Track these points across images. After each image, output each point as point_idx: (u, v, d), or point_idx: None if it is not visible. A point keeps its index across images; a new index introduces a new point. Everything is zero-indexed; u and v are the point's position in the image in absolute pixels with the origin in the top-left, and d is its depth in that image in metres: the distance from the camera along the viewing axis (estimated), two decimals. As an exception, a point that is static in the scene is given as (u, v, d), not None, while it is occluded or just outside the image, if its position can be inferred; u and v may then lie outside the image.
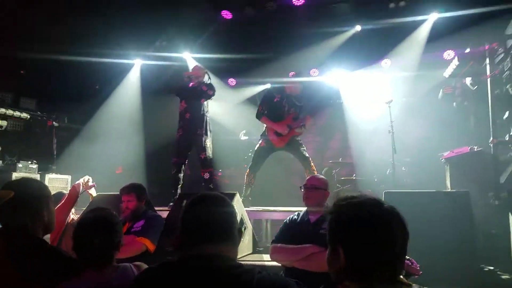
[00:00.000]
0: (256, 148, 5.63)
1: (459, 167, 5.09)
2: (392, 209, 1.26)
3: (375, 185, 6.28)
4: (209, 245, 1.43)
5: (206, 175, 5.64)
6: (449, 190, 4.94)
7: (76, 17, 6.74)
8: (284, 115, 5.44)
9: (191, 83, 5.73)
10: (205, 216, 1.47)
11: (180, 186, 5.70)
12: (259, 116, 5.51)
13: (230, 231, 1.50)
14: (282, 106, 5.48)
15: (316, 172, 5.23)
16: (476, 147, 5.01)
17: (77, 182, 3.55)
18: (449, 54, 6.91)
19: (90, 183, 3.67)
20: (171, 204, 5.29)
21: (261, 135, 5.62)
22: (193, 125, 5.64)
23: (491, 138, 4.76)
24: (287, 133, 5.36)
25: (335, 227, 1.28)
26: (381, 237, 1.20)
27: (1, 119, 6.05)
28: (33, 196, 1.94)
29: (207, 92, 5.66)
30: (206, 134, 5.66)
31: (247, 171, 5.57)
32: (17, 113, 6.28)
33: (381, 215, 1.23)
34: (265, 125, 5.54)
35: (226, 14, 7.51)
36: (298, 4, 7.15)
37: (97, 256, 1.83)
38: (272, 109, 5.49)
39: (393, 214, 1.24)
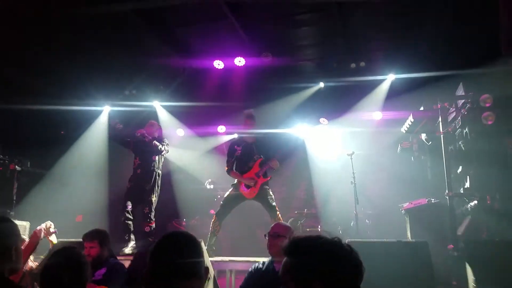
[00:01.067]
0: (225, 196, 5.67)
1: (418, 218, 5.28)
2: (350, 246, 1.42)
3: (340, 237, 6.32)
4: (176, 281, 1.47)
5: (147, 229, 5.85)
6: (409, 240, 5.08)
7: (44, 65, 6.82)
8: (250, 164, 5.59)
9: (145, 139, 5.93)
10: (173, 253, 1.52)
11: (132, 231, 5.78)
12: (228, 172, 5.69)
13: (197, 267, 1.54)
14: (246, 157, 5.64)
15: (282, 221, 5.27)
16: (433, 199, 5.25)
17: (38, 227, 3.42)
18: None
19: (52, 230, 3.55)
20: (124, 249, 5.44)
21: (232, 184, 5.69)
22: (142, 180, 5.92)
23: (447, 191, 5.01)
24: (254, 184, 5.47)
25: (311, 264, 1.35)
26: (356, 268, 1.36)
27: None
28: (3, 234, 1.92)
29: (159, 149, 5.95)
30: (153, 190, 5.94)
31: (214, 218, 5.55)
32: (-22, 156, 6.10)
33: (351, 250, 1.39)
34: (236, 180, 5.66)
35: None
36: (265, 61, 7.51)
37: None
38: (237, 162, 5.66)
39: (354, 250, 1.41)
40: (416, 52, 6.96)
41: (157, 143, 5.95)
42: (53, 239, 3.68)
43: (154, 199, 5.96)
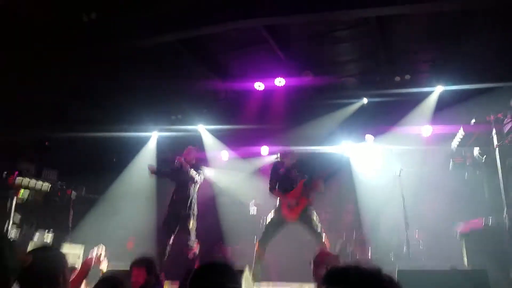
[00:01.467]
0: (268, 221, 5.62)
1: (476, 242, 4.87)
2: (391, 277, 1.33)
3: (391, 264, 6.00)
4: None
5: (191, 255, 5.89)
6: (466, 267, 4.70)
7: (98, 95, 7.29)
8: (293, 184, 5.56)
9: (181, 166, 6.09)
10: (209, 281, 1.62)
11: (164, 259, 5.88)
12: (271, 190, 5.68)
13: None
14: (289, 177, 5.61)
15: (328, 245, 5.13)
16: (490, 220, 4.84)
17: (89, 256, 3.57)
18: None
19: (102, 257, 3.67)
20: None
21: (274, 207, 5.66)
22: (178, 207, 6.03)
23: (505, 210, 4.62)
24: (296, 204, 5.38)
25: None
26: None
27: (24, 189, 6.31)
28: (51, 264, 2.08)
29: (194, 180, 6.11)
30: (189, 216, 6.01)
31: (257, 245, 5.51)
32: (39, 183, 6.52)
33: (391, 281, 1.30)
34: (278, 200, 5.61)
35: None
36: (305, 79, 7.46)
37: None
38: (280, 181, 5.65)
39: (395, 281, 1.31)
40: (464, 62, 6.63)
41: (193, 174, 6.10)
42: (103, 267, 3.81)
43: (192, 224, 6.04)
